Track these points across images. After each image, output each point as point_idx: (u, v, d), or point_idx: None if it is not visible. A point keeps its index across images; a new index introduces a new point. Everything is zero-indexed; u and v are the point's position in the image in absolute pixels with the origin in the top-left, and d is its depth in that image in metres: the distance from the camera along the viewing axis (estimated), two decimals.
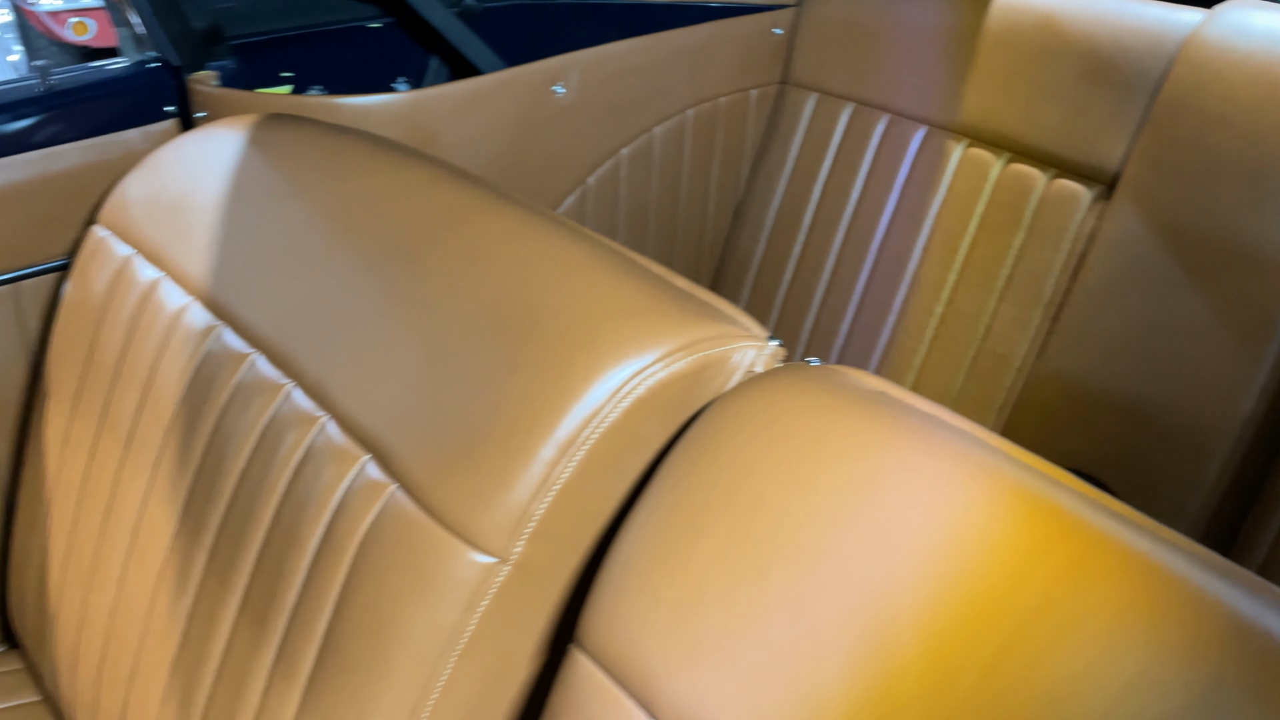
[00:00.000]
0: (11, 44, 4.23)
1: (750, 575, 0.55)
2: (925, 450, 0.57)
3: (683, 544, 0.59)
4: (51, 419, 1.04)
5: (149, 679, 0.85)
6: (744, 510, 0.57)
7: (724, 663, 0.54)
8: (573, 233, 0.80)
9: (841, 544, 0.54)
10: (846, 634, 0.52)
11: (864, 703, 0.51)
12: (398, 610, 0.69)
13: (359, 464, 0.74)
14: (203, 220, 0.95)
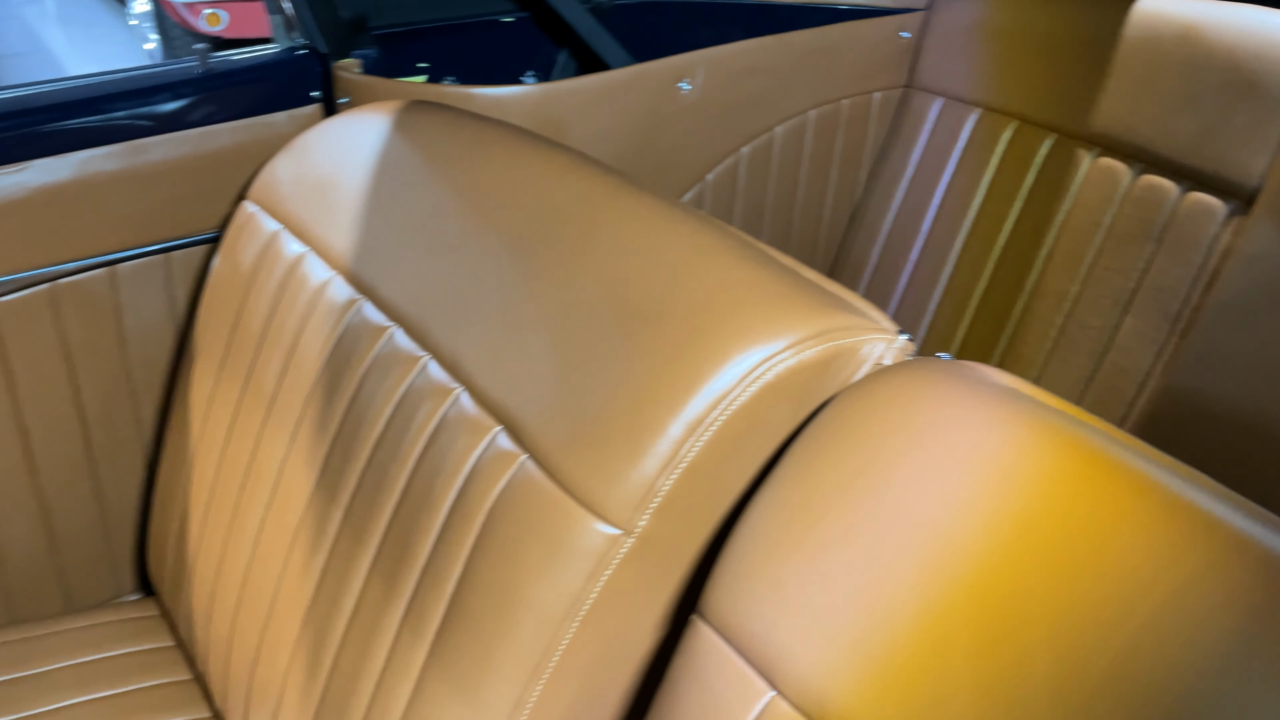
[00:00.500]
0: (149, 33, 4.45)
1: (879, 559, 0.56)
2: (1060, 447, 0.57)
3: (810, 524, 0.60)
4: (197, 381, 1.10)
5: (281, 628, 0.90)
6: (874, 496, 0.58)
7: (849, 642, 0.55)
8: (704, 222, 0.81)
9: (973, 535, 0.55)
10: (975, 624, 0.53)
11: (989, 689, 0.51)
12: (524, 574, 0.71)
13: (490, 434, 0.77)
14: (347, 199, 1.00)
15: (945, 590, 0.54)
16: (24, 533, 1.18)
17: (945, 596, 0.53)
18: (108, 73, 1.15)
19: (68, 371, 1.16)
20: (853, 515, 0.58)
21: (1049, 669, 0.51)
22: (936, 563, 0.54)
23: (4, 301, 1.10)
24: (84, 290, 1.14)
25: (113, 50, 4.75)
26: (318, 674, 0.85)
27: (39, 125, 1.07)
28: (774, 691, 0.57)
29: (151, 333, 1.20)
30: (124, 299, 1.17)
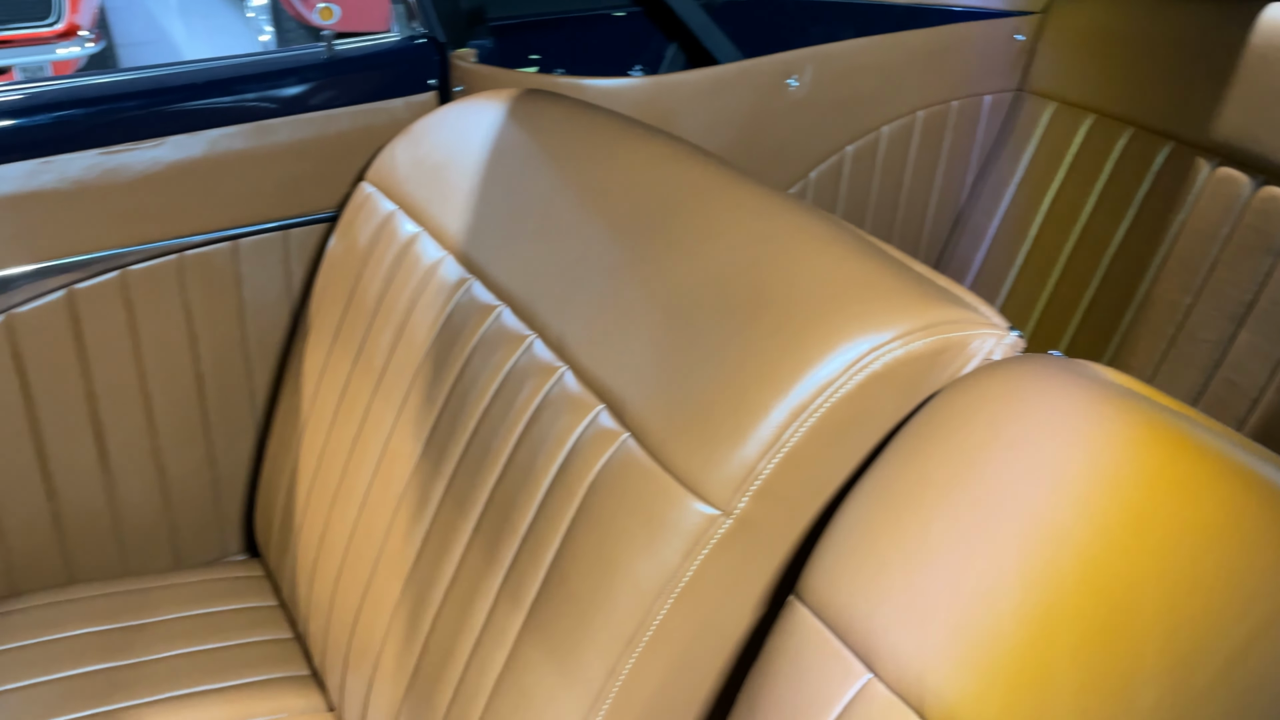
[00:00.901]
0: (264, 25, 4.61)
1: (985, 550, 0.56)
2: (1176, 446, 0.56)
3: (915, 512, 0.60)
4: (310, 353, 1.14)
5: (382, 592, 0.93)
6: (983, 486, 0.58)
7: (951, 630, 0.55)
8: (814, 213, 0.82)
9: (1083, 530, 0.54)
10: (1082, 618, 0.52)
11: (1093, 683, 0.51)
12: (622, 548, 0.73)
13: (593, 413, 0.79)
14: (461, 183, 1.03)
15: (1051, 584, 0.53)
16: (141, 491, 1.24)
17: (1051, 590, 0.53)
18: (239, 56, 1.21)
19: (189, 339, 1.22)
20: (960, 505, 0.58)
21: (1157, 668, 0.50)
22: (1044, 556, 0.54)
23: (135, 270, 1.16)
24: (208, 262, 1.20)
25: (230, 41, 4.93)
26: (415, 637, 0.88)
27: (175, 104, 1.13)
28: (871, 674, 0.57)
29: (268, 306, 1.25)
30: (244, 272, 1.22)
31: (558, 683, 0.75)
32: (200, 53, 4.62)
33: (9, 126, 1.06)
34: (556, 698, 0.75)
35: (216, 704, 1.02)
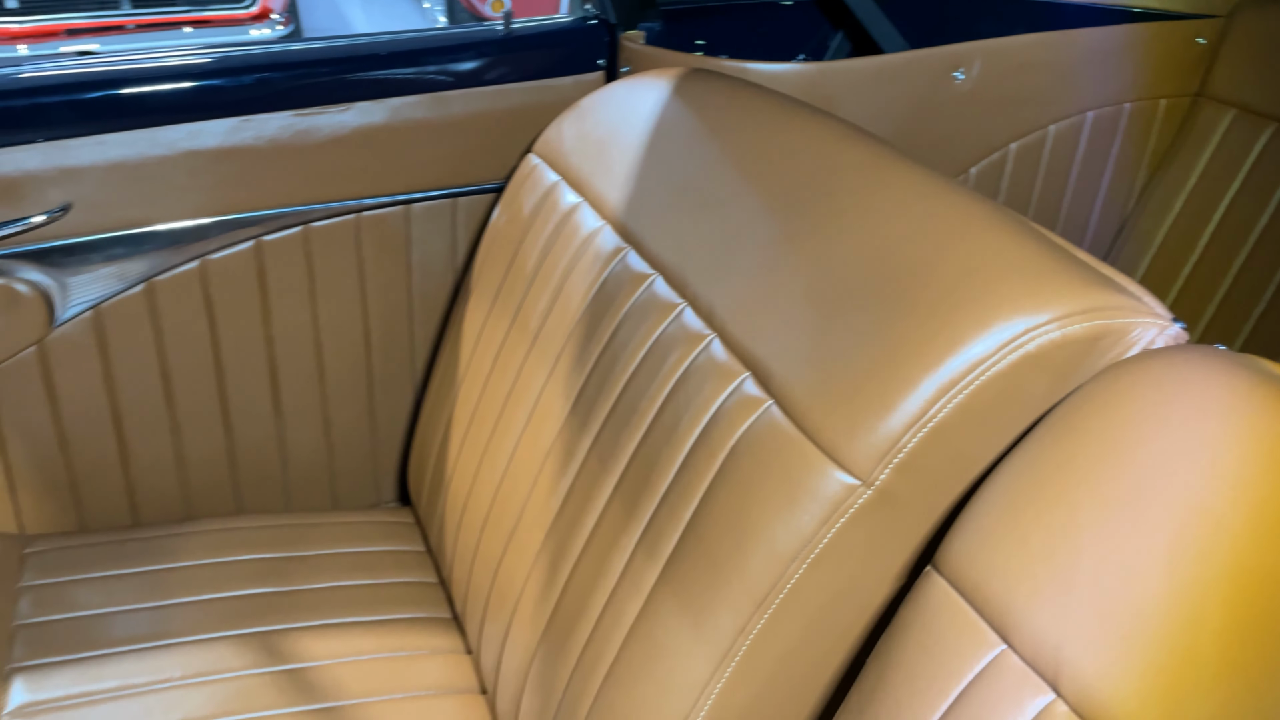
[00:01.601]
0: (439, 14, 4.79)
1: (1133, 532, 0.55)
2: None
3: (1061, 494, 0.60)
4: (470, 315, 1.20)
5: (524, 542, 0.97)
6: (1135, 470, 0.57)
7: (1092, 607, 0.55)
8: (975, 197, 0.82)
9: (1237, 519, 0.53)
10: (1231, 605, 0.51)
11: (1241, 668, 0.50)
12: (759, 511, 0.74)
13: (738, 380, 0.81)
14: (623, 156, 1.06)
15: (1200, 567, 0.52)
16: (307, 435, 1.32)
17: (1200, 573, 0.52)
18: (423, 29, 1.27)
19: (360, 296, 1.29)
20: (1109, 484, 0.58)
21: None
22: (1194, 539, 0.53)
23: (317, 226, 1.24)
24: (382, 224, 1.27)
25: (405, 27, 5.12)
26: (553, 586, 0.92)
27: (363, 72, 1.20)
28: (1005, 645, 0.57)
29: (434, 269, 1.32)
30: (414, 236, 1.29)
31: (689, 636, 0.77)
32: None
33: (215, 85, 1.15)
34: (687, 650, 0.77)
35: (363, 635, 1.08)
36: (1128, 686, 0.51)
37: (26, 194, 1.08)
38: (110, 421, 1.21)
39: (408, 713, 1.00)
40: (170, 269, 1.18)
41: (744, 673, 0.75)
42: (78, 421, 1.19)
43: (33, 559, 1.12)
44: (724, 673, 0.75)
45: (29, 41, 3.09)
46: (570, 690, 0.87)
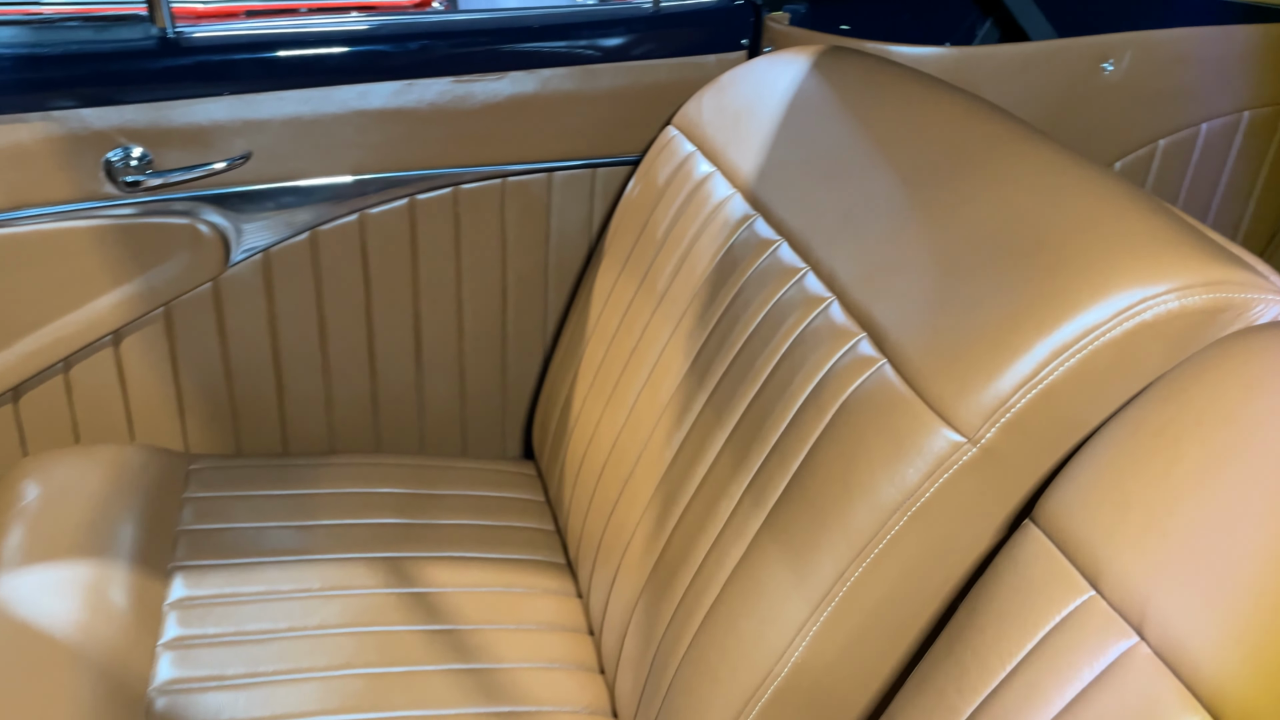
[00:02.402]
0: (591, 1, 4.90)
1: (1236, 499, 0.55)
2: None
3: (1164, 452, 0.60)
4: (601, 279, 1.26)
5: (637, 490, 1.02)
6: (1239, 437, 0.57)
7: (1184, 562, 0.55)
8: (1106, 173, 0.82)
9: None
10: None
11: None
12: (865, 463, 0.77)
13: (854, 340, 0.84)
14: (758, 128, 1.10)
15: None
16: (444, 385, 1.41)
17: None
18: (575, 6, 1.34)
19: (501, 257, 1.37)
20: (1213, 446, 0.58)
21: None
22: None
23: (466, 188, 1.32)
24: (525, 190, 1.34)
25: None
26: (661, 531, 0.96)
27: (519, 44, 1.27)
28: (1094, 592, 0.59)
29: (571, 236, 1.38)
30: (555, 203, 1.36)
31: (789, 579, 0.80)
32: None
33: (384, 51, 1.24)
34: (786, 592, 0.80)
35: (483, 570, 1.15)
36: (1212, 633, 0.52)
37: (213, 142, 1.19)
38: (270, 357, 1.32)
39: (519, 643, 1.07)
40: (332, 220, 1.28)
41: (839, 617, 0.78)
42: (242, 355, 1.30)
43: (195, 475, 1.23)
44: (820, 616, 0.78)
45: (211, 21, 3.33)
46: (670, 631, 0.91)
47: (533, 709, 0.99)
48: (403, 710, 0.96)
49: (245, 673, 0.98)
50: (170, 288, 1.24)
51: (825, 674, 0.79)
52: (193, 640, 1.01)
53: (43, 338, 1.21)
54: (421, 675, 1.00)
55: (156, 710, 0.93)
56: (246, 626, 1.03)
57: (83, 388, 1.25)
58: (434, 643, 1.04)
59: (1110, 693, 0.55)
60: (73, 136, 1.14)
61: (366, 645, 1.02)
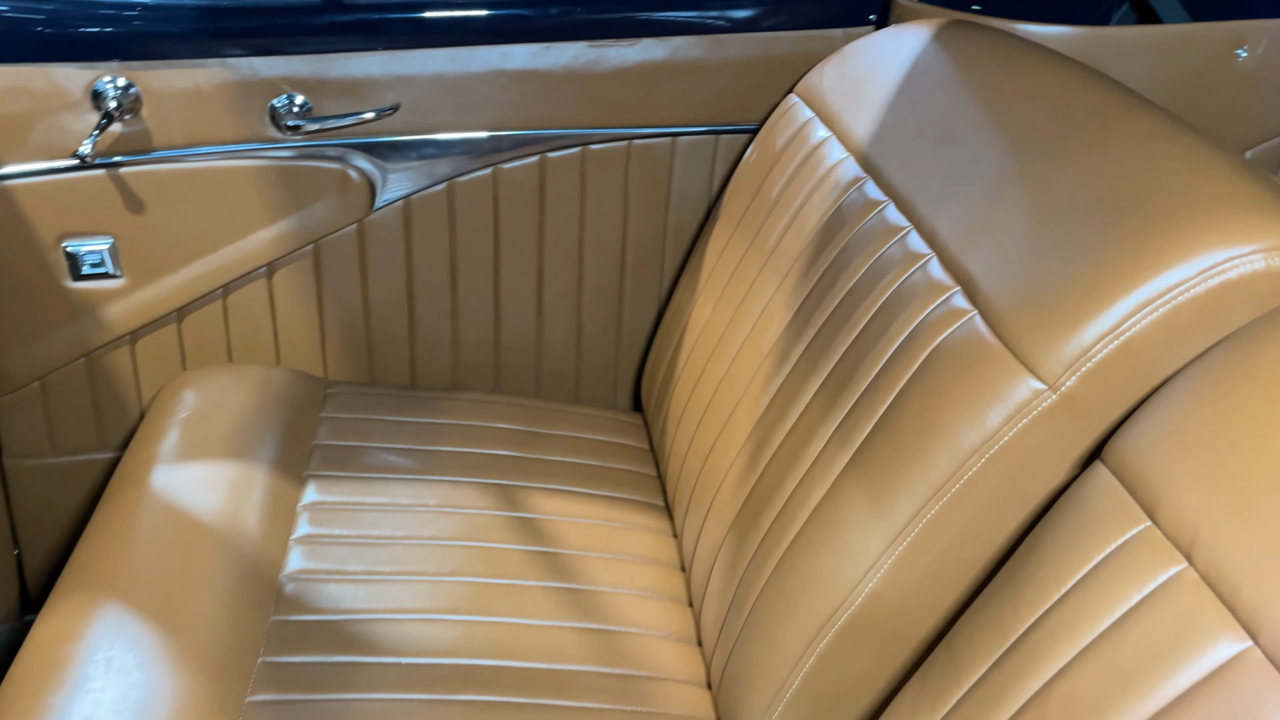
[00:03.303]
0: None
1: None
2: None
3: (1231, 404, 0.62)
4: (714, 238, 1.31)
5: (732, 435, 1.08)
6: None
7: (1234, 494, 0.58)
8: (1206, 140, 0.83)
9: None
10: None
11: None
12: (949, 409, 0.81)
13: (948, 294, 0.87)
14: (875, 96, 1.13)
15: None
16: (562, 335, 1.49)
17: None
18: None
19: (622, 217, 1.44)
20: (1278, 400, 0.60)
21: None
22: None
23: (594, 149, 1.39)
24: (649, 153, 1.41)
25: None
26: (752, 473, 1.02)
27: (650, 11, 1.34)
28: (1150, 522, 0.62)
29: (690, 200, 1.44)
30: (677, 167, 1.42)
31: (868, 514, 0.85)
32: None
33: (525, 14, 1.32)
34: (865, 527, 0.85)
35: (586, 503, 1.23)
36: (1255, 560, 0.55)
37: (365, 94, 1.30)
38: (405, 297, 1.42)
39: (614, 571, 1.13)
40: (468, 173, 1.37)
41: (914, 552, 0.82)
42: (380, 293, 1.41)
43: (332, 397, 1.34)
44: (895, 550, 0.82)
45: None
46: (753, 563, 0.96)
47: (622, 629, 1.06)
48: (503, 617, 1.04)
49: (364, 570, 1.07)
50: (320, 226, 1.36)
51: (896, 604, 0.83)
52: (320, 539, 1.11)
53: (206, 265, 1.34)
54: (522, 588, 1.08)
55: (286, 594, 1.04)
56: (368, 531, 1.13)
57: (238, 313, 1.38)
58: (535, 562, 1.12)
59: (1155, 611, 0.58)
60: (244, 83, 1.27)
61: (474, 557, 1.11)
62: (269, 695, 0.92)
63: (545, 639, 1.03)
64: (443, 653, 0.99)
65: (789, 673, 0.88)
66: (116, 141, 1.25)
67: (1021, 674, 0.63)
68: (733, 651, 0.96)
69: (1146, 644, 0.57)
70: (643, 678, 1.01)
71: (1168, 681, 0.55)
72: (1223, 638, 0.55)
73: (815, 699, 0.88)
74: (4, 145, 1.23)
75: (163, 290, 1.34)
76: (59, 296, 1.32)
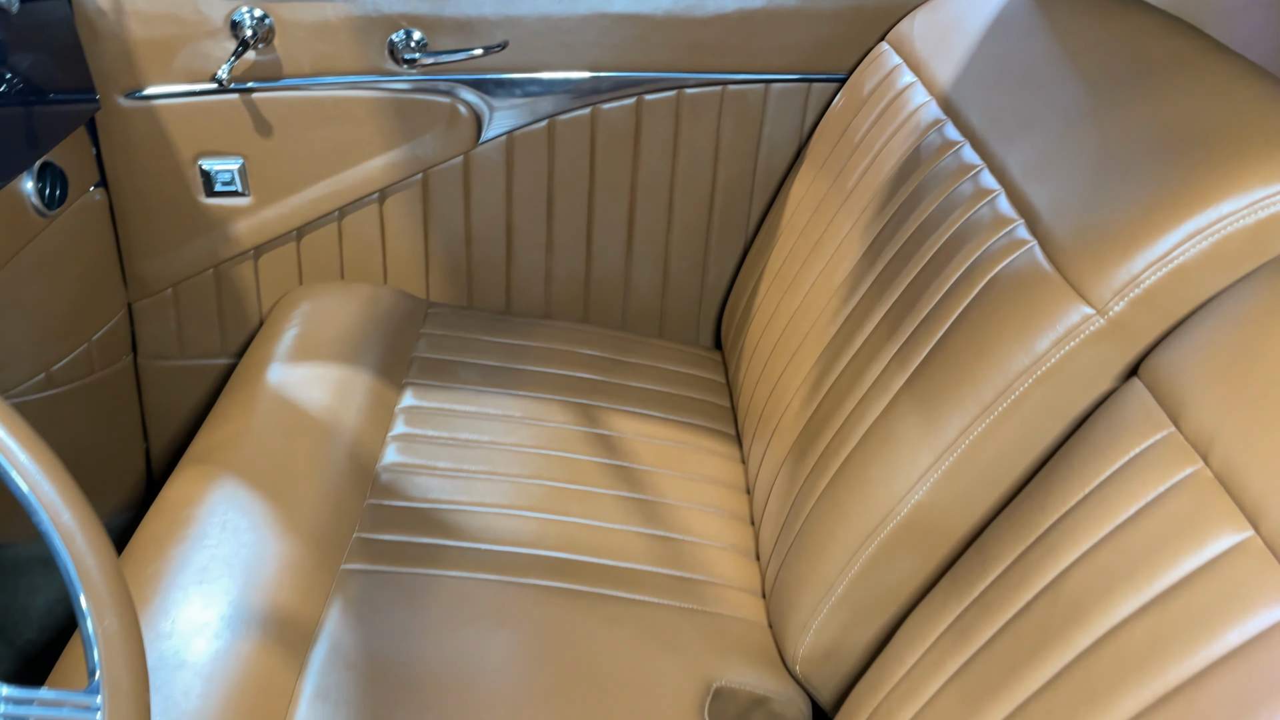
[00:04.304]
0: None
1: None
2: None
3: (1262, 320, 0.66)
4: (799, 182, 1.36)
5: (801, 361, 1.13)
6: None
7: (1254, 402, 0.61)
8: None
9: None
10: None
11: None
12: (1003, 333, 0.85)
13: (1012, 226, 0.91)
14: (961, 42, 1.16)
15: None
16: (648, 273, 1.55)
17: None
18: None
19: (714, 160, 1.49)
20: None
21: None
22: None
23: (689, 93, 1.45)
24: (743, 99, 1.46)
25: None
26: (816, 395, 1.07)
27: None
28: (1173, 428, 0.65)
29: (779, 145, 1.49)
30: (769, 112, 1.47)
31: (919, 430, 0.89)
32: None
33: None
34: (915, 442, 0.89)
35: (660, 425, 1.30)
36: (1265, 460, 0.58)
37: (476, 31, 1.38)
38: (504, 228, 1.51)
39: (682, 487, 1.20)
40: (568, 111, 1.45)
41: (959, 467, 0.86)
42: (481, 223, 1.50)
43: (432, 316, 1.44)
44: (942, 465, 0.87)
45: None
46: (809, 480, 1.02)
47: (686, 538, 1.13)
48: (575, 517, 1.12)
49: (451, 467, 1.17)
50: (429, 157, 1.45)
51: (939, 514, 0.88)
52: (414, 438, 1.21)
53: (325, 188, 1.45)
54: (595, 495, 1.16)
55: (381, 481, 1.14)
56: (457, 434, 1.22)
57: (351, 235, 1.49)
58: (609, 472, 1.20)
59: (1168, 506, 0.62)
60: (366, 18, 1.36)
61: (552, 464, 1.19)
62: (361, 565, 1.02)
63: (612, 539, 1.10)
64: (517, 543, 1.08)
65: (835, 578, 0.94)
66: (250, 68, 1.37)
67: (1040, 564, 0.68)
68: (785, 561, 1.02)
69: (1157, 535, 0.61)
70: (701, 581, 1.08)
71: (1172, 567, 0.60)
72: (1226, 528, 0.58)
73: (857, 602, 0.93)
74: (151, 68, 1.35)
75: (285, 210, 1.46)
76: (193, 211, 1.44)
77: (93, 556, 0.58)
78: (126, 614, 0.59)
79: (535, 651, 0.96)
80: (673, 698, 0.95)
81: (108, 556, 0.58)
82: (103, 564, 0.58)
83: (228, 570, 0.96)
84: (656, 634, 1.01)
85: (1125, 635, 0.60)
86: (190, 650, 0.88)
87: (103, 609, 0.58)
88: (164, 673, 0.86)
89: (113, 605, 0.58)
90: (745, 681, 0.99)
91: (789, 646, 0.99)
